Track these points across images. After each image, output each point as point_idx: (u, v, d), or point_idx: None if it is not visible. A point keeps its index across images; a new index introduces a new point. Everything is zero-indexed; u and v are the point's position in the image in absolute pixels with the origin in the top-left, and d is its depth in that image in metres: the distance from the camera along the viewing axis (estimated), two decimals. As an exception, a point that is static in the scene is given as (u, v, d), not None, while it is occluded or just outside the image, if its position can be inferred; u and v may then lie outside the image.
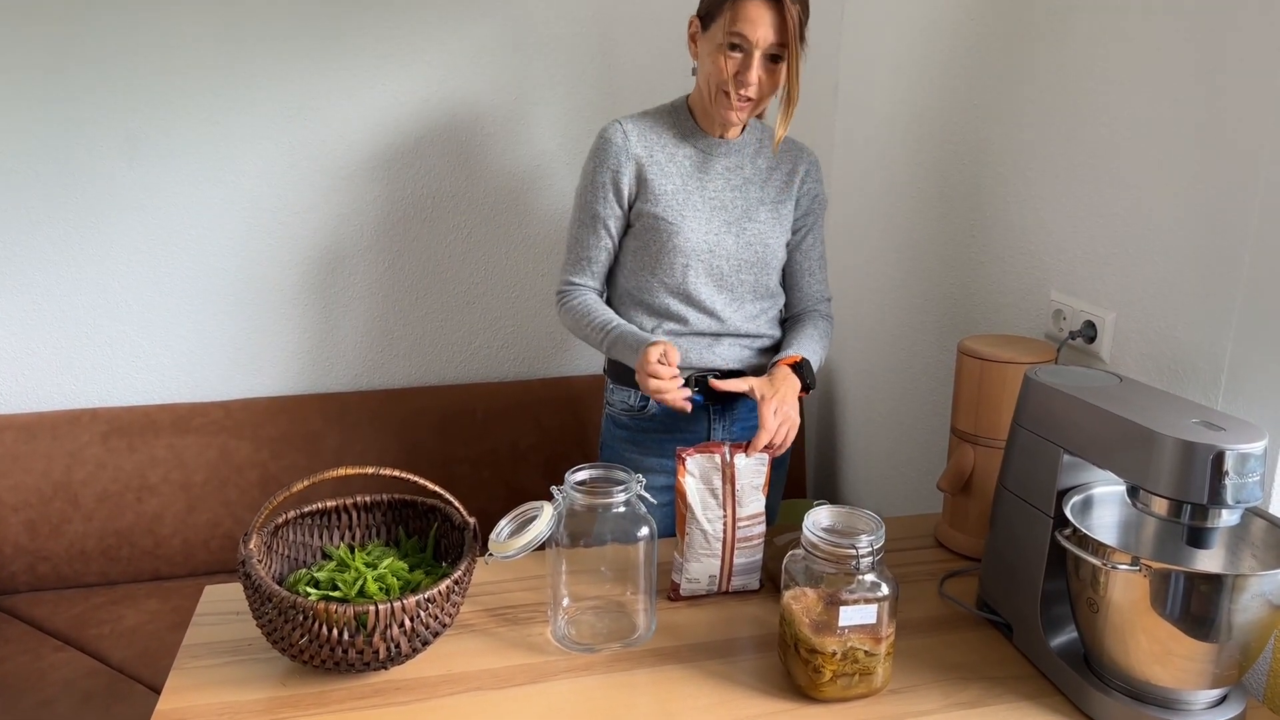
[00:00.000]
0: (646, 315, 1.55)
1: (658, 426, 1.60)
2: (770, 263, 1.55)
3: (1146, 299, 1.32)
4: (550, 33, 2.05)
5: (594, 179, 1.50)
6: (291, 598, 1.04)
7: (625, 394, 1.60)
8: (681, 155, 1.50)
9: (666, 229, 1.48)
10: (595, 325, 1.50)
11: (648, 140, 1.49)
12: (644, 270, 1.52)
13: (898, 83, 1.94)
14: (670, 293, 1.52)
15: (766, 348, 1.60)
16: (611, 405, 1.64)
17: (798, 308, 1.63)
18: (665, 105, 1.55)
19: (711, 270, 1.51)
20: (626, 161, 1.48)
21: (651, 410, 1.58)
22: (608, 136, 1.50)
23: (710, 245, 1.50)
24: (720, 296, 1.53)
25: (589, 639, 1.20)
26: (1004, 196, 1.62)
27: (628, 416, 1.61)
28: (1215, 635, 0.97)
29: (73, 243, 1.96)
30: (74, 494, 1.96)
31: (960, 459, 1.43)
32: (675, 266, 1.50)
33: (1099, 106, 1.39)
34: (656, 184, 1.48)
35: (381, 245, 2.10)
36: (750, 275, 1.53)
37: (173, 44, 1.89)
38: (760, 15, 1.35)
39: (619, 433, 1.63)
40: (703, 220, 1.49)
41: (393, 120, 2.03)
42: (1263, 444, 0.96)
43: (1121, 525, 1.17)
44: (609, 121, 1.51)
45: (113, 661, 1.76)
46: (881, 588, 1.06)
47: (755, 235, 1.52)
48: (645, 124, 1.51)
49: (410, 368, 2.20)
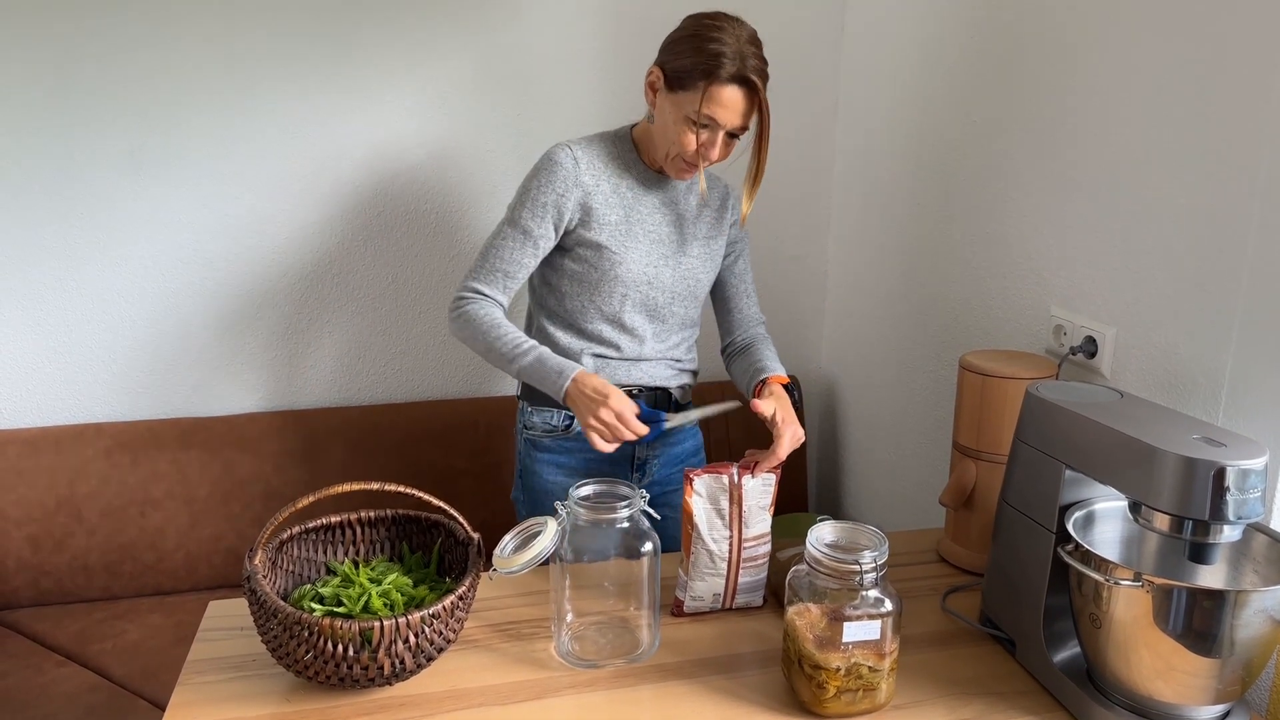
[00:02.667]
0: (576, 338, 1.55)
1: (583, 446, 1.57)
2: (699, 295, 1.60)
3: (1147, 314, 1.33)
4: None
5: (535, 197, 1.46)
6: (296, 614, 1.05)
7: (546, 415, 1.58)
8: (624, 186, 1.51)
9: (610, 258, 1.49)
10: (506, 341, 1.44)
11: (595, 168, 1.49)
12: (581, 296, 1.52)
13: (897, 99, 1.96)
14: (605, 319, 1.53)
15: (685, 370, 1.64)
16: (531, 428, 1.60)
17: (739, 331, 1.66)
18: (609, 133, 1.55)
19: (647, 301, 1.53)
20: (573, 188, 1.46)
21: (576, 430, 1.57)
22: (557, 159, 1.46)
23: (649, 277, 1.52)
24: (651, 326, 1.56)
25: (593, 655, 1.20)
26: (1004, 212, 1.63)
27: (550, 439, 1.59)
28: (1218, 651, 0.97)
29: (78, 258, 1.97)
30: (77, 508, 1.96)
31: (962, 474, 1.44)
32: (614, 295, 1.51)
33: (1098, 123, 1.40)
34: (601, 213, 1.48)
35: (386, 260, 2.11)
36: (681, 307, 1.57)
37: (175, 70, 1.91)
38: (734, 101, 1.38)
39: (542, 456, 1.60)
40: (643, 252, 1.51)
41: (409, 130, 2.05)
42: (1264, 460, 0.96)
43: (1124, 540, 1.17)
44: (556, 145, 1.48)
45: (115, 677, 1.76)
46: (885, 603, 1.06)
47: (689, 269, 1.55)
48: (592, 151, 1.50)
49: (414, 382, 2.20)
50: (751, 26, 1.41)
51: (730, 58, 1.35)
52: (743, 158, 1.51)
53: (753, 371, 1.55)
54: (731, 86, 1.37)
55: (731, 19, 1.40)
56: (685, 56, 1.38)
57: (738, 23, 1.39)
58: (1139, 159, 1.32)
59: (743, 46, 1.36)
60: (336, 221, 2.07)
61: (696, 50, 1.36)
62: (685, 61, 1.38)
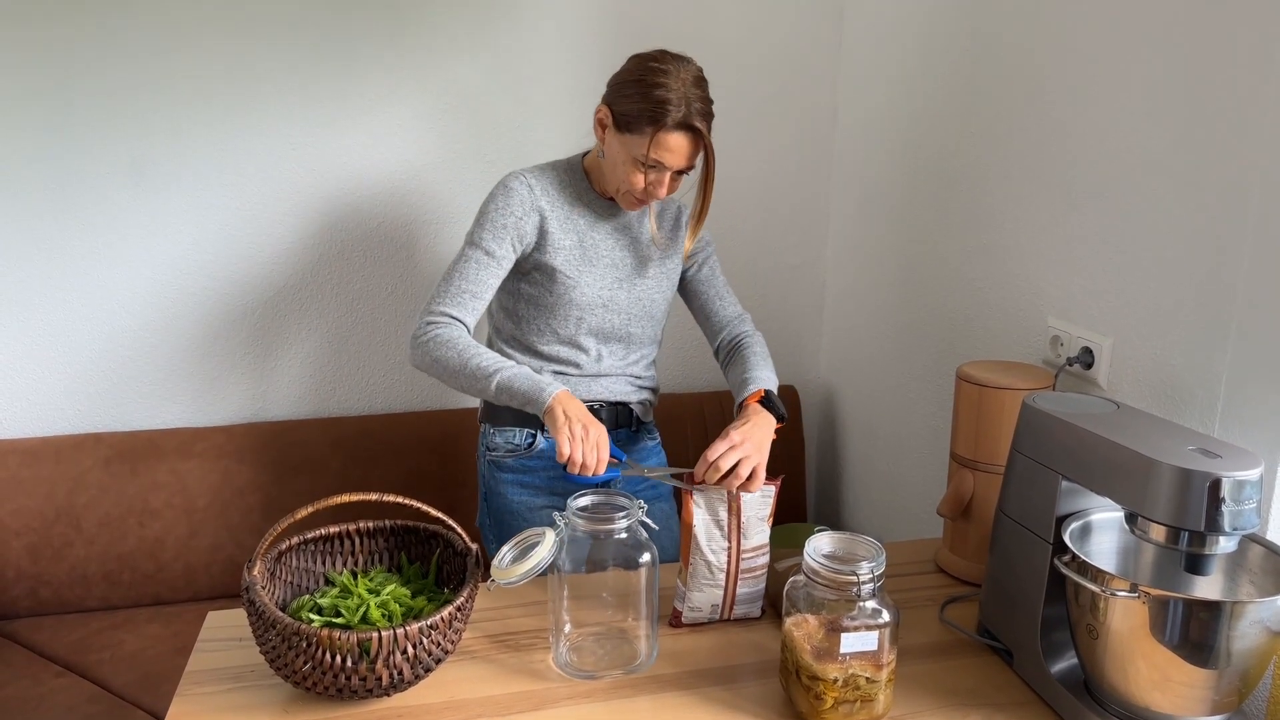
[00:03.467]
0: (532, 358, 1.56)
1: (545, 465, 1.58)
2: (656, 315, 1.61)
3: (1143, 325, 1.33)
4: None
5: (495, 219, 1.47)
6: (295, 624, 1.05)
7: (509, 434, 1.58)
8: (576, 214, 1.53)
9: (565, 282, 1.50)
10: (482, 364, 1.39)
11: (550, 195, 1.51)
12: (538, 318, 1.54)
13: (894, 111, 1.97)
14: (561, 341, 1.55)
15: (644, 386, 1.66)
16: (493, 449, 1.60)
17: (722, 334, 1.65)
18: (560, 162, 1.57)
19: (604, 323, 1.55)
20: (531, 212, 1.48)
21: (539, 446, 1.58)
22: (512, 186, 1.49)
23: (604, 300, 1.53)
24: (607, 346, 1.58)
25: (591, 665, 1.20)
26: (1001, 223, 1.64)
27: (513, 459, 1.59)
28: (1214, 662, 0.98)
29: (78, 268, 1.97)
30: (76, 518, 1.96)
31: (959, 484, 1.44)
32: (570, 318, 1.53)
33: (1094, 136, 1.41)
34: (556, 238, 1.50)
35: (386, 271, 2.12)
36: (638, 327, 1.59)
37: (176, 80, 1.92)
38: (680, 146, 1.40)
39: (504, 477, 1.60)
40: (597, 275, 1.53)
41: (405, 142, 2.06)
42: (1259, 471, 0.97)
43: (1120, 551, 1.17)
44: (509, 174, 1.51)
45: (113, 687, 1.75)
46: (883, 614, 1.06)
47: (644, 291, 1.57)
48: (545, 179, 1.52)
49: (413, 392, 2.21)
50: (697, 65, 1.42)
51: (675, 104, 1.37)
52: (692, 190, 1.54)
53: (737, 387, 1.52)
54: (677, 133, 1.39)
55: (675, 59, 1.41)
56: (632, 101, 1.39)
57: (683, 63, 1.41)
58: (1135, 171, 1.33)
59: (688, 91, 1.38)
60: (336, 231, 2.08)
61: (643, 96, 1.38)
62: (632, 106, 1.39)
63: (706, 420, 2.24)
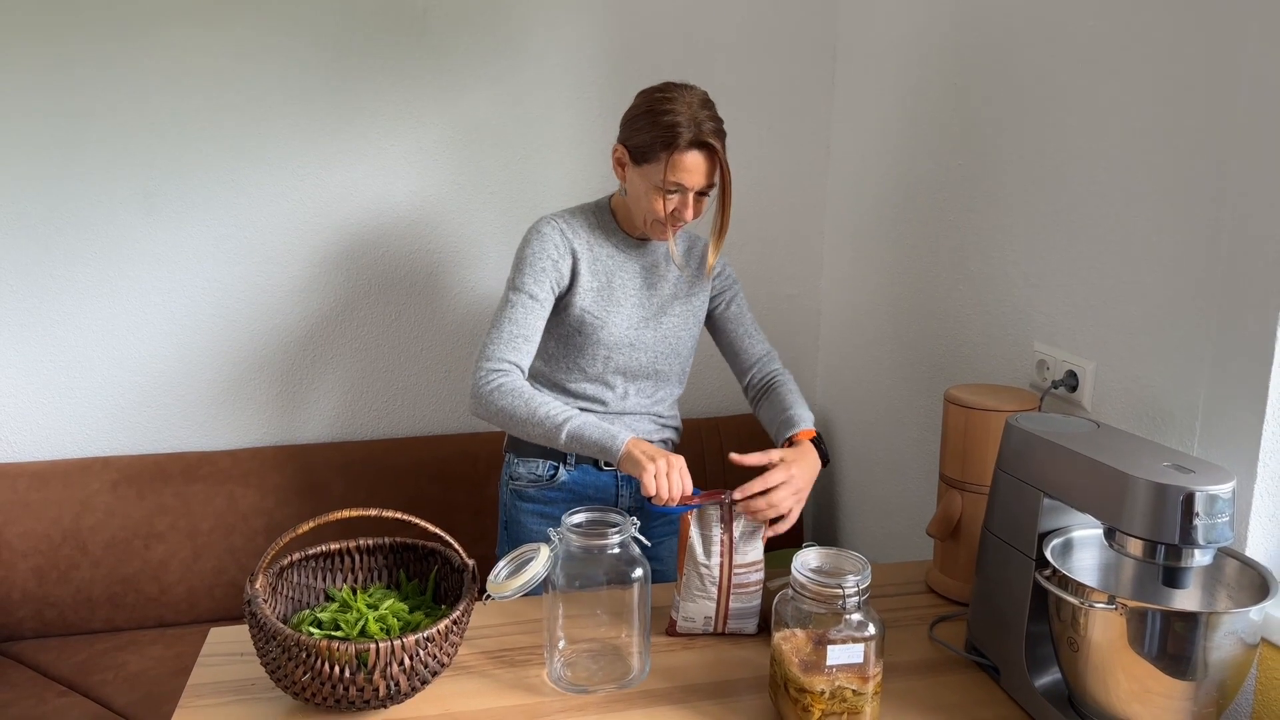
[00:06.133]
0: (561, 396, 1.59)
1: (566, 495, 1.61)
2: (683, 352, 1.64)
3: (1124, 349, 1.37)
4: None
5: (533, 263, 1.50)
6: (295, 635, 1.08)
7: (532, 465, 1.61)
8: (604, 255, 1.57)
9: (593, 322, 1.54)
10: (550, 412, 1.42)
11: (580, 237, 1.55)
12: (566, 358, 1.57)
13: (886, 146, 2.02)
14: (589, 380, 1.58)
15: (668, 425, 1.68)
16: (517, 479, 1.63)
17: (752, 371, 1.67)
18: (588, 205, 1.61)
19: (631, 361, 1.58)
20: (566, 254, 1.52)
21: (561, 478, 1.60)
22: (545, 231, 1.53)
23: (631, 340, 1.56)
24: (635, 384, 1.61)
25: (584, 680, 1.23)
26: (988, 252, 1.68)
27: (535, 489, 1.62)
28: (1191, 673, 1.00)
29: (88, 294, 2.02)
30: (82, 540, 1.99)
31: (948, 505, 1.47)
32: (598, 357, 1.56)
33: (1079, 166, 1.45)
34: (585, 280, 1.54)
35: (387, 298, 2.17)
36: (665, 365, 1.62)
37: (189, 114, 1.98)
38: (696, 165, 1.44)
39: (526, 506, 1.63)
40: (625, 316, 1.56)
41: (410, 176, 2.11)
42: (1230, 485, 1.00)
43: (1101, 567, 1.20)
44: (540, 219, 1.55)
45: (116, 707, 1.77)
46: (868, 627, 1.09)
47: (670, 329, 1.60)
48: (575, 222, 1.56)
49: (414, 418, 2.24)
50: (701, 90, 1.47)
51: (685, 126, 1.41)
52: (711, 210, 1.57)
53: (780, 423, 1.55)
54: (692, 152, 1.43)
55: (680, 87, 1.46)
56: (644, 132, 1.44)
57: (687, 89, 1.46)
58: (1117, 204, 1.37)
59: (696, 112, 1.42)
60: (341, 262, 2.13)
61: (653, 125, 1.43)
62: (645, 137, 1.44)
63: (704, 444, 2.27)
